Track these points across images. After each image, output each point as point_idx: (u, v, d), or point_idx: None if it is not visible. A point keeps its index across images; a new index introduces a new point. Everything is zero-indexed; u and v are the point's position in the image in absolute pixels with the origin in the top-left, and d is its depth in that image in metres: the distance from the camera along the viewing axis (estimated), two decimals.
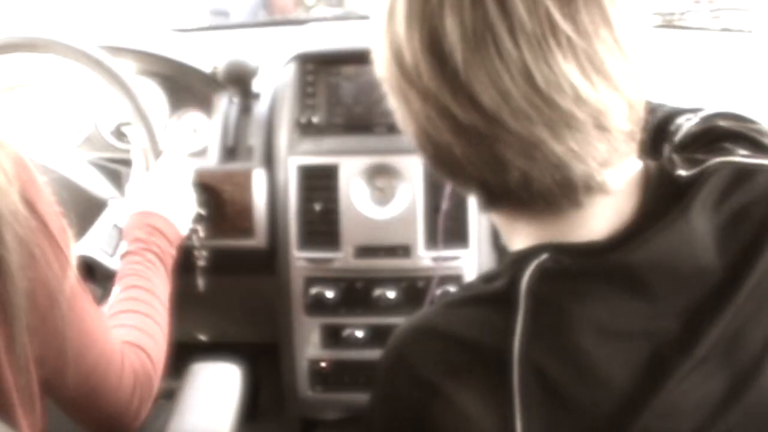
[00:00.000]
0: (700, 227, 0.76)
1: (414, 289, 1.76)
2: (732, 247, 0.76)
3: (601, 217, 0.79)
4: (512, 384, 0.73)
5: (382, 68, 0.82)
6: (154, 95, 1.85)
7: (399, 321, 1.73)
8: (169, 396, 1.43)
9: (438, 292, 1.75)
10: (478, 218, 1.75)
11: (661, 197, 0.79)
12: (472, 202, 1.73)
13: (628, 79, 0.73)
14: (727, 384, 0.74)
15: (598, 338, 0.74)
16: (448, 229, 1.74)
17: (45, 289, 0.96)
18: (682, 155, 0.83)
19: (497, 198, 0.79)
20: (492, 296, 0.78)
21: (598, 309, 0.75)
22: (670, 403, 0.73)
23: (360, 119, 1.82)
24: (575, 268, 0.76)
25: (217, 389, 1.43)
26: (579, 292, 0.75)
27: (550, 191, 0.75)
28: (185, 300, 1.24)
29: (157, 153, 1.56)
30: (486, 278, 0.82)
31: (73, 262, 1.01)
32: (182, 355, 1.54)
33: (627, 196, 0.79)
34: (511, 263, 0.80)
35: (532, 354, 0.73)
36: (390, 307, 1.76)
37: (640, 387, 0.73)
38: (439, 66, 0.73)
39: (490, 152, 0.74)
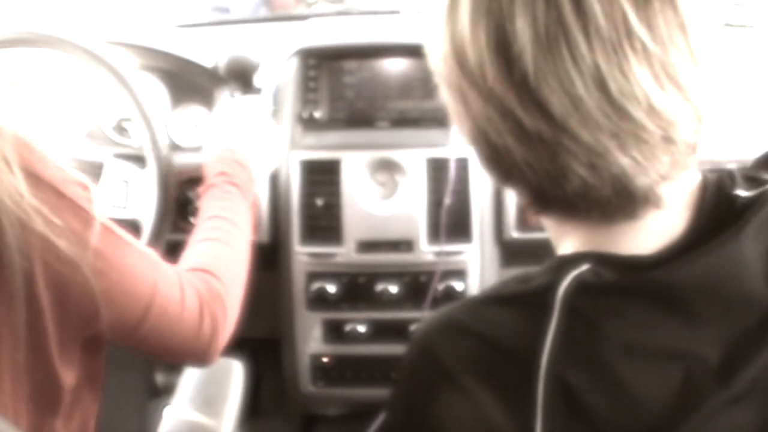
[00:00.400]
0: (750, 252, 0.73)
1: (417, 284, 1.75)
2: None
3: (651, 231, 0.76)
4: (536, 393, 0.71)
5: (438, 63, 0.77)
6: (155, 90, 1.85)
7: (401, 316, 1.76)
8: (170, 391, 1.43)
9: (441, 287, 1.75)
10: (481, 213, 1.75)
11: (716, 216, 0.75)
12: (475, 196, 1.75)
13: (699, 89, 0.70)
14: (759, 423, 0.71)
15: (630, 358, 0.71)
16: (451, 223, 1.73)
17: (71, 250, 0.96)
18: (745, 172, 0.80)
19: (551, 204, 0.77)
20: (526, 297, 0.76)
21: (634, 327, 0.72)
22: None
23: (362, 114, 1.81)
24: (614, 284, 0.74)
25: (218, 384, 1.42)
26: (615, 308, 0.73)
27: (608, 201, 0.73)
28: None
29: (158, 149, 1.56)
30: (522, 279, 0.79)
31: (98, 215, 1.01)
32: None
33: (680, 211, 0.76)
34: (551, 267, 0.77)
35: (559, 366, 0.71)
36: (392, 302, 1.75)
37: (670, 411, 0.70)
38: (506, 68, 0.69)
39: (551, 159, 0.71)
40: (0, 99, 1.53)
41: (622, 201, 0.73)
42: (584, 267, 0.74)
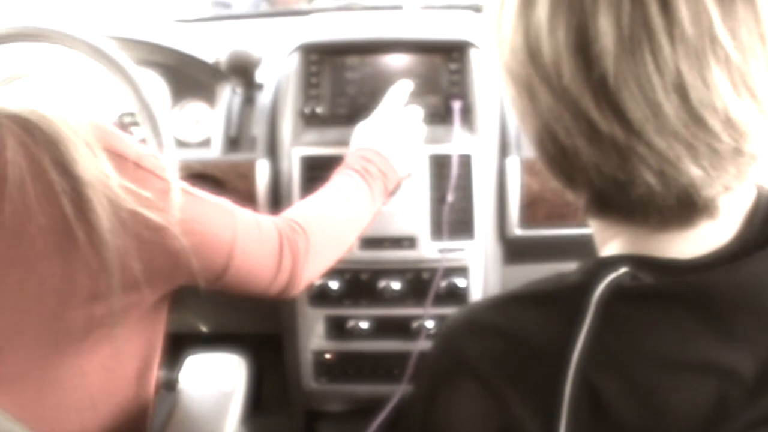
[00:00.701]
0: None
1: (419, 280, 1.75)
2: None
3: (699, 239, 0.74)
4: (563, 394, 0.69)
5: (505, 54, 0.75)
6: (156, 86, 1.84)
7: (404, 312, 1.76)
8: (172, 387, 1.43)
9: (443, 284, 1.75)
10: (484, 210, 1.74)
11: (765, 228, 0.74)
12: (478, 193, 1.74)
13: None
14: None
15: (663, 367, 0.69)
16: (454, 220, 1.73)
17: (159, 216, 1.02)
18: None
19: (611, 208, 0.75)
20: (559, 296, 0.75)
21: (669, 336, 0.70)
22: None
23: (364, 110, 1.81)
24: (652, 288, 0.72)
25: (220, 380, 1.42)
26: (651, 314, 0.71)
27: (669, 210, 0.71)
28: (188, 291, 1.23)
29: (161, 144, 1.55)
30: (557, 278, 0.78)
31: (174, 179, 1.07)
32: (186, 347, 1.54)
33: (731, 221, 0.74)
34: (588, 268, 0.75)
35: (589, 369, 0.70)
36: (395, 299, 1.75)
37: (699, 425, 0.68)
38: (584, 67, 0.67)
39: (622, 164, 0.69)
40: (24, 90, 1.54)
41: (683, 210, 0.71)
42: (622, 270, 0.72)
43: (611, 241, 0.79)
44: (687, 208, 0.71)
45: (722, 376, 0.68)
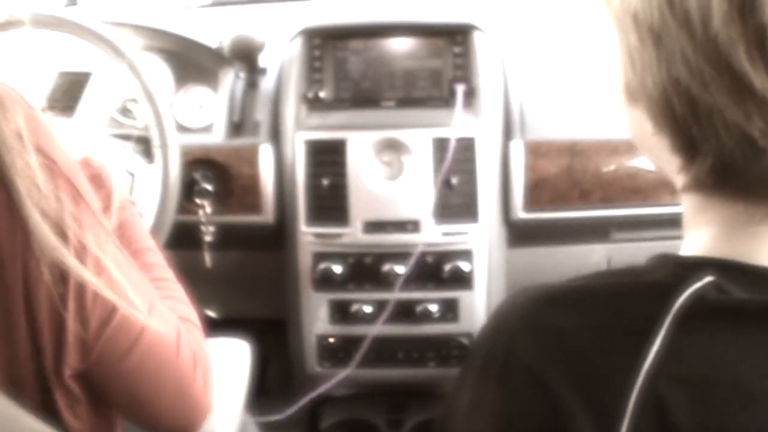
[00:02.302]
0: None
1: (423, 264, 1.75)
2: None
3: None
4: (627, 403, 0.63)
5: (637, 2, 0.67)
6: (159, 71, 1.84)
7: (408, 296, 1.75)
8: None
9: (447, 267, 1.74)
10: (487, 193, 1.74)
11: None
12: (482, 176, 1.74)
13: None
14: None
15: (743, 395, 0.63)
16: (458, 204, 1.73)
17: (80, 237, 0.91)
18: None
19: (730, 179, 0.66)
20: (634, 295, 0.68)
21: (756, 360, 0.63)
22: None
23: (368, 94, 1.81)
24: (739, 305, 0.65)
25: (225, 365, 1.42)
26: (736, 333, 0.64)
27: None
28: (192, 276, 1.23)
29: (163, 130, 1.55)
30: (633, 271, 0.71)
31: (102, 217, 0.96)
32: None
33: None
34: (669, 269, 0.68)
35: (658, 381, 0.63)
36: (399, 283, 1.75)
37: None
38: (740, 15, 0.59)
39: (767, 128, 0.61)
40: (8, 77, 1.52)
41: None
42: (707, 279, 0.65)
43: (703, 228, 0.72)
44: None
45: None
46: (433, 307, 1.77)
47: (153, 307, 0.99)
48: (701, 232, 0.71)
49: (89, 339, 0.92)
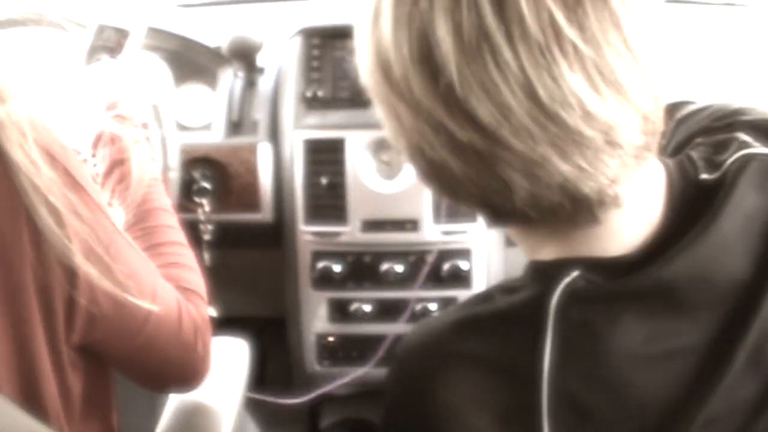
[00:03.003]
0: (731, 235, 0.71)
1: (422, 263, 1.75)
2: (762, 251, 0.72)
3: (625, 230, 0.73)
4: (541, 408, 0.69)
5: (366, 77, 0.73)
6: (158, 70, 1.84)
7: (406, 295, 1.76)
8: None
9: (446, 266, 1.75)
10: None
11: (688, 204, 0.73)
12: None
13: (642, 89, 0.66)
14: (759, 389, 0.71)
15: (635, 361, 0.70)
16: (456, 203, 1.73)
17: (82, 231, 0.93)
18: (697, 154, 0.77)
19: (504, 216, 0.73)
20: (516, 312, 0.74)
21: (634, 331, 0.70)
22: (713, 414, 0.70)
23: (366, 93, 1.80)
24: (608, 288, 0.72)
25: (224, 363, 1.43)
26: (613, 314, 0.70)
27: (561, 207, 0.69)
28: None
29: (161, 128, 1.55)
30: (506, 289, 0.76)
31: (105, 207, 0.99)
32: None
33: (651, 206, 0.73)
34: (535, 275, 0.75)
35: (562, 378, 0.69)
36: (397, 281, 1.76)
37: (684, 405, 0.70)
38: (431, 78, 0.65)
39: (490, 172, 0.67)
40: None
41: (576, 205, 0.69)
42: (574, 274, 0.71)
43: (538, 246, 0.77)
44: (577, 203, 0.68)
45: (694, 353, 0.70)
46: (432, 306, 1.77)
47: (156, 291, 1.02)
48: (544, 248, 0.77)
49: (98, 318, 0.96)
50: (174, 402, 1.33)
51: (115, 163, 1.20)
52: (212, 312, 1.16)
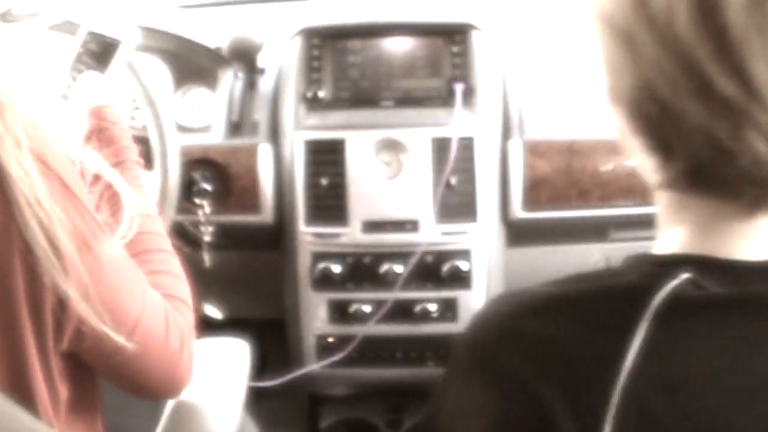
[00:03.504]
0: None
1: (422, 263, 1.75)
2: None
3: None
4: (609, 407, 0.62)
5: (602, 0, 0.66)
6: (158, 72, 1.84)
7: (407, 296, 1.75)
8: None
9: (446, 267, 1.75)
10: (486, 192, 1.74)
11: None
12: (481, 176, 1.74)
13: None
14: None
15: (724, 386, 0.63)
16: (457, 203, 1.73)
17: (71, 245, 0.92)
18: None
19: (702, 181, 0.66)
20: (611, 298, 0.67)
21: (734, 352, 0.63)
22: None
23: (366, 93, 1.81)
24: (717, 298, 0.64)
25: (224, 365, 1.42)
26: (715, 327, 0.63)
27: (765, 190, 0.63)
28: (191, 275, 1.23)
29: (162, 130, 1.55)
30: (606, 274, 0.70)
31: (100, 219, 0.97)
32: None
33: None
34: (644, 268, 0.68)
35: (640, 383, 0.62)
36: (397, 282, 1.75)
37: None
38: (702, 15, 0.59)
39: (732, 129, 0.61)
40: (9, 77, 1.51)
41: None
42: (684, 276, 0.64)
43: (678, 226, 0.71)
44: None
45: None
46: (432, 307, 1.77)
47: (145, 303, 1.02)
48: (675, 230, 0.71)
49: (86, 330, 0.95)
50: (174, 403, 1.33)
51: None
52: (216, 314, 1.16)
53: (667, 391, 0.63)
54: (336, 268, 1.76)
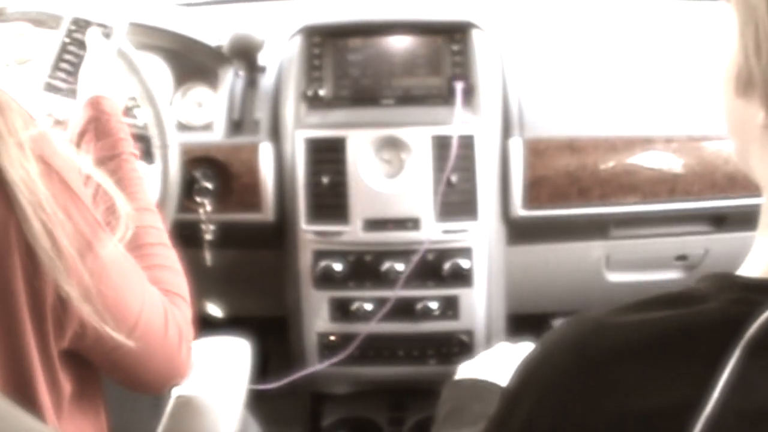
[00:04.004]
0: None
1: (423, 261, 1.75)
2: None
3: None
4: None
5: None
6: (159, 70, 1.84)
7: (408, 294, 1.76)
8: None
9: (447, 265, 1.75)
10: (487, 191, 1.74)
11: None
12: (482, 174, 1.74)
13: None
14: None
15: None
16: (457, 201, 1.73)
17: (73, 246, 0.93)
18: None
19: None
20: (699, 328, 0.63)
21: None
22: None
23: (367, 92, 1.81)
24: None
25: (225, 363, 1.43)
26: None
27: None
28: (193, 274, 1.23)
29: (163, 128, 1.55)
30: (689, 298, 0.65)
31: (100, 218, 0.98)
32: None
33: None
34: (733, 293, 0.63)
35: (726, 417, 0.59)
36: (399, 280, 1.75)
37: None
38: None
39: None
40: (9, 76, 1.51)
41: None
42: None
43: None
44: None
45: None
46: (434, 305, 1.77)
47: (144, 301, 1.04)
48: None
49: (87, 328, 0.97)
50: (176, 402, 1.33)
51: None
52: (218, 313, 1.17)
53: (752, 427, 0.60)
54: (337, 267, 1.76)
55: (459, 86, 1.76)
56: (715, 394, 0.59)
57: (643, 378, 0.62)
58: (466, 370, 1.18)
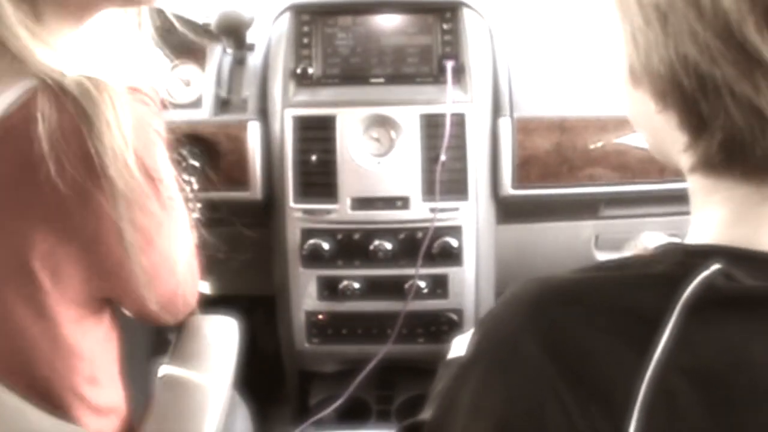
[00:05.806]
0: None
1: (412, 240, 1.75)
2: None
3: None
4: (636, 400, 0.61)
5: None
6: (148, 49, 1.83)
7: (396, 273, 1.75)
8: (166, 349, 1.43)
9: (436, 243, 1.75)
10: (477, 170, 1.74)
11: None
12: (472, 153, 1.74)
13: None
14: None
15: (754, 382, 0.61)
16: (447, 180, 1.73)
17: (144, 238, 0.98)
18: None
19: (736, 158, 0.66)
20: (641, 282, 0.66)
21: (766, 350, 0.62)
22: None
23: (356, 70, 1.80)
24: (748, 291, 0.63)
25: (214, 342, 1.42)
26: (746, 323, 0.62)
27: None
28: None
29: None
30: (643, 262, 0.69)
31: (181, 210, 1.08)
32: None
33: None
34: (675, 258, 0.67)
35: (668, 375, 0.61)
36: (387, 259, 1.75)
37: None
38: None
39: None
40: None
41: None
42: (715, 267, 0.63)
43: (711, 211, 0.71)
44: None
45: None
46: (423, 283, 1.77)
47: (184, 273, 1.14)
48: (708, 215, 0.71)
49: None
50: (165, 380, 1.33)
51: None
52: (204, 291, 1.19)
53: (695, 385, 0.62)
54: (325, 245, 1.76)
55: (449, 65, 1.75)
56: (658, 351, 0.61)
57: (587, 323, 0.65)
58: (460, 345, 1.19)
